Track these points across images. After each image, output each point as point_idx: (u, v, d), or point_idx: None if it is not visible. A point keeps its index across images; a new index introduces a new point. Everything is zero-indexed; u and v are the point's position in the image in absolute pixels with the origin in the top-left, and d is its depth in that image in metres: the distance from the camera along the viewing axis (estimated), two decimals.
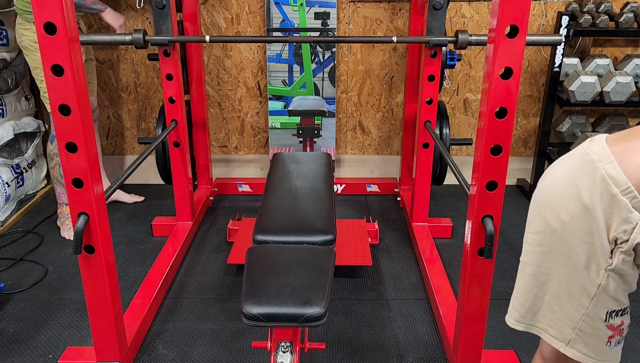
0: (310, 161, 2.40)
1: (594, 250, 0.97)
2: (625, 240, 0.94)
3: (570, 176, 1.00)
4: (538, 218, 1.06)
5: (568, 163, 1.03)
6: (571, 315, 1.04)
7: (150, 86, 3.44)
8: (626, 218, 0.92)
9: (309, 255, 1.67)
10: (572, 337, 1.04)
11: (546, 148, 3.27)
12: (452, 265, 2.63)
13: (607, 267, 0.97)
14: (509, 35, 1.43)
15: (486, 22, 3.25)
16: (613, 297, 1.00)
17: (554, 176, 1.05)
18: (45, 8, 1.39)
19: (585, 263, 0.99)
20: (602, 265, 0.97)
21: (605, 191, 0.93)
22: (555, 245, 1.02)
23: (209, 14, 3.27)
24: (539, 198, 1.07)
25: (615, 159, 0.93)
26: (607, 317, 1.01)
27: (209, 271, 2.60)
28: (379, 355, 2.04)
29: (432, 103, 2.65)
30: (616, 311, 1.02)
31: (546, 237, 1.04)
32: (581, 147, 1.01)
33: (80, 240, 1.61)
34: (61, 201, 2.88)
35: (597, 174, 0.94)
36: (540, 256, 1.06)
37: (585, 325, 1.03)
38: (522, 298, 1.12)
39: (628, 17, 2.96)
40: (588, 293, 1.00)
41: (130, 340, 1.97)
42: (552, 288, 1.05)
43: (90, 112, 1.58)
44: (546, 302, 1.07)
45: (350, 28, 3.31)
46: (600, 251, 0.97)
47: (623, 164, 0.92)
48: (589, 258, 0.98)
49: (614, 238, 0.95)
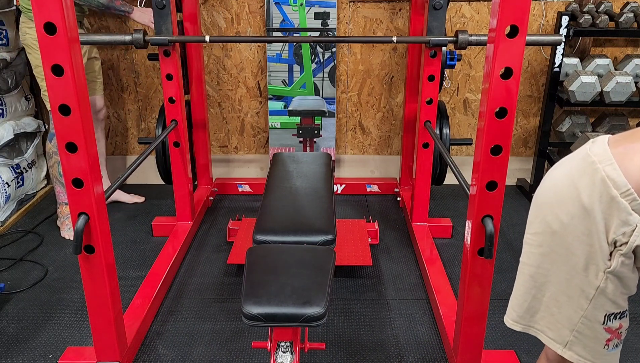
0: (310, 161, 2.40)
1: (593, 252, 0.97)
2: (625, 242, 0.93)
3: (570, 177, 0.99)
4: (538, 219, 1.06)
5: (569, 164, 1.02)
6: (569, 317, 1.03)
7: (150, 86, 3.44)
8: (625, 220, 0.92)
9: (309, 255, 1.67)
10: (570, 339, 1.04)
11: (546, 148, 3.27)
12: (452, 265, 2.63)
13: (606, 269, 0.97)
14: (509, 36, 1.43)
15: (486, 22, 3.25)
16: (612, 300, 0.99)
17: (555, 178, 1.04)
18: (45, 8, 1.39)
19: (584, 265, 0.99)
20: (601, 267, 0.97)
21: (605, 193, 0.93)
22: (555, 247, 1.02)
23: (209, 14, 3.27)
24: (539, 199, 1.07)
25: (615, 161, 0.93)
26: (606, 320, 1.01)
27: (209, 271, 2.60)
28: (379, 355, 2.04)
29: (432, 103, 2.65)
30: (615, 314, 1.01)
31: (546, 238, 1.04)
32: (583, 148, 1.00)
33: (80, 240, 1.61)
34: (61, 201, 2.88)
35: (597, 175, 0.94)
36: (540, 257, 1.06)
37: (584, 327, 1.02)
38: (520, 298, 1.12)
39: (628, 17, 2.96)
40: (586, 295, 1.00)
41: (130, 340, 1.97)
42: (550, 289, 1.05)
43: (90, 112, 1.58)
44: (544, 304, 1.07)
45: (350, 28, 3.31)
46: (599, 254, 0.96)
47: (623, 166, 0.92)
48: (587, 260, 0.98)
49: (613, 241, 0.95)
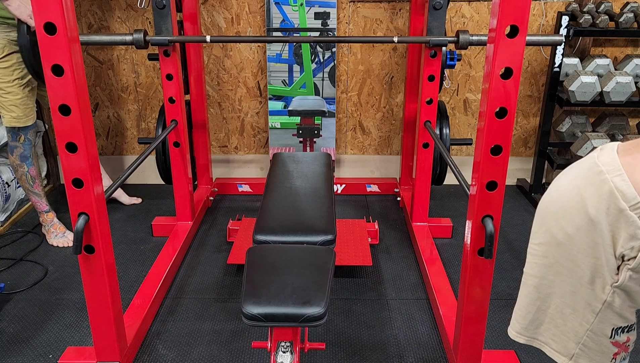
0: (310, 161, 2.40)
1: (599, 265, 0.94)
2: (633, 257, 0.90)
3: (576, 187, 0.95)
4: (543, 229, 1.03)
5: (575, 173, 0.98)
6: (575, 330, 1.01)
7: (150, 86, 3.44)
8: (634, 234, 0.88)
9: (309, 255, 1.66)
10: (575, 351, 1.02)
11: (546, 148, 3.27)
12: (452, 265, 2.63)
13: (613, 284, 0.93)
14: (509, 35, 1.43)
15: (486, 22, 3.25)
16: (619, 314, 0.96)
17: (561, 187, 1.00)
18: (45, 8, 1.39)
19: (590, 278, 0.96)
20: (608, 280, 0.94)
21: (612, 205, 0.89)
22: (560, 258, 0.99)
23: (209, 14, 3.27)
24: (544, 208, 1.03)
25: (625, 172, 0.88)
26: (613, 334, 0.98)
27: (209, 271, 2.60)
28: (379, 355, 2.04)
29: (432, 103, 2.65)
30: (622, 328, 0.98)
31: (550, 249, 1.01)
32: (590, 156, 0.96)
33: (80, 240, 1.61)
34: (40, 210, 2.78)
35: (605, 187, 0.90)
36: (544, 268, 1.03)
37: (590, 341, 1.00)
38: (524, 310, 1.09)
39: (628, 17, 2.96)
40: (592, 309, 0.97)
41: (130, 340, 1.97)
42: (555, 301, 1.03)
43: (90, 112, 1.58)
44: (549, 315, 1.05)
45: (350, 28, 3.31)
46: (606, 267, 0.93)
47: (633, 178, 0.87)
48: (593, 273, 0.95)
49: (621, 254, 0.91)
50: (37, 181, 2.70)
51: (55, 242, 2.80)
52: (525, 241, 2.66)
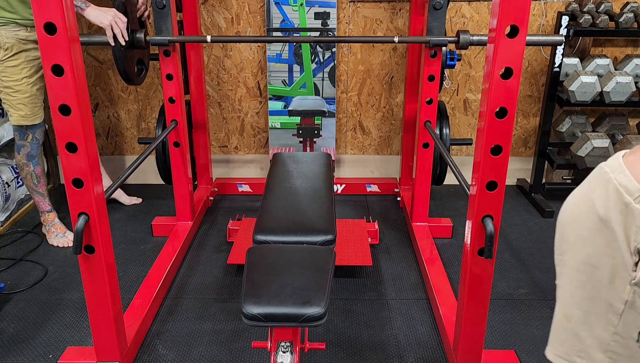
0: (310, 161, 2.40)
1: (616, 263, 0.94)
2: None
3: (585, 192, 0.97)
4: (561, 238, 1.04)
5: (585, 181, 1.00)
6: (600, 337, 0.99)
7: (150, 86, 3.44)
8: None
9: (309, 255, 1.66)
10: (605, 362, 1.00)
11: (546, 148, 3.27)
12: (452, 265, 2.63)
13: (632, 281, 0.93)
14: (509, 35, 1.43)
15: (486, 22, 3.25)
16: None
17: (573, 195, 1.02)
18: (45, 8, 1.39)
19: (610, 278, 0.95)
20: (627, 278, 0.93)
21: (619, 201, 0.90)
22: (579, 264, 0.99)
23: (209, 14, 3.27)
24: (560, 218, 1.05)
25: (627, 169, 0.90)
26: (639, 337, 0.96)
27: (209, 271, 2.60)
28: (379, 355, 2.04)
29: (432, 103, 2.65)
30: None
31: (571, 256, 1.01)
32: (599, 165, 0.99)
33: (80, 240, 1.61)
34: (42, 209, 2.78)
35: (610, 185, 0.92)
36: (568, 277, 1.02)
37: (617, 346, 0.98)
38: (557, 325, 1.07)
39: (628, 17, 2.96)
40: (615, 310, 0.96)
41: (130, 340, 1.97)
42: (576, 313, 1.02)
43: (90, 112, 1.58)
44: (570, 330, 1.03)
45: (350, 28, 3.31)
46: (623, 265, 0.93)
47: (636, 173, 0.89)
48: (612, 273, 0.94)
49: (636, 249, 0.91)
50: (42, 181, 2.71)
51: (55, 242, 2.80)
52: (525, 241, 2.68)
